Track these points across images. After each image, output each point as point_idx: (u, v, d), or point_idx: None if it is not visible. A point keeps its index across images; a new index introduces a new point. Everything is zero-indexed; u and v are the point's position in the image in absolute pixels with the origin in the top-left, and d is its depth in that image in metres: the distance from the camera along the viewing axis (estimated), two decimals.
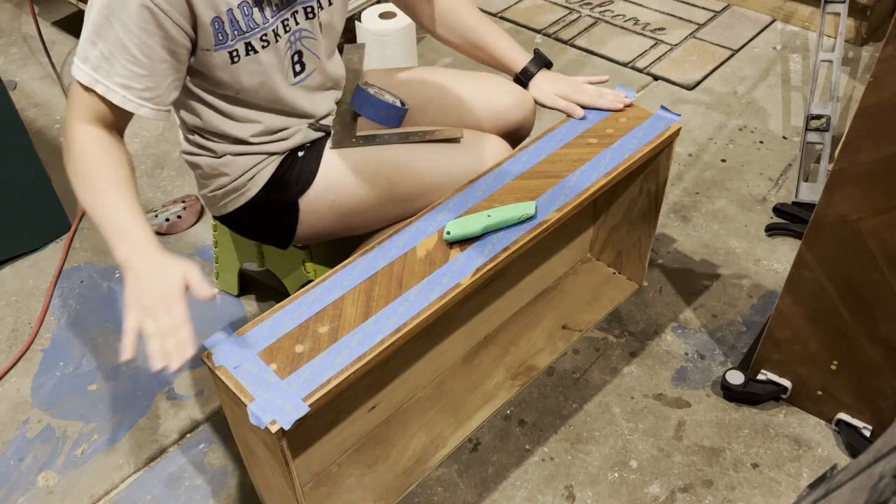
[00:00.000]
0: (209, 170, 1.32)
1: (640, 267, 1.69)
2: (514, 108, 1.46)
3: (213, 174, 1.33)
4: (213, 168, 1.32)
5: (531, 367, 1.56)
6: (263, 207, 1.35)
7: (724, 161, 2.06)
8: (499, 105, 1.46)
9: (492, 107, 1.46)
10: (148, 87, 1.11)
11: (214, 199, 1.36)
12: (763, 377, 1.48)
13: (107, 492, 1.43)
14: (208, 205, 1.40)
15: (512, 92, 1.47)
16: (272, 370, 1.05)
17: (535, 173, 1.33)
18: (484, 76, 1.50)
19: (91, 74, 1.08)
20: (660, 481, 1.39)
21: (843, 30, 2.12)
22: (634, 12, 2.68)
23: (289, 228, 1.37)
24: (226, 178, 1.32)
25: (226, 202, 1.36)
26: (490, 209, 1.24)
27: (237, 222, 1.40)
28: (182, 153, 1.36)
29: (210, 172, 1.33)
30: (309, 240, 1.42)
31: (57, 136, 2.26)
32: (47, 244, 1.92)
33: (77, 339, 1.69)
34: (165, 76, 1.12)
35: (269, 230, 1.40)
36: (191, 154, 1.34)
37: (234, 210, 1.36)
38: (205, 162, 1.32)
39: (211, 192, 1.35)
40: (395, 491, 1.38)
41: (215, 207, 1.39)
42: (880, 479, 0.54)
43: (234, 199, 1.34)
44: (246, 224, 1.40)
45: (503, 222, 1.22)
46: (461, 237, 1.20)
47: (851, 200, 1.18)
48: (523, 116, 1.48)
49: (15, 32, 2.73)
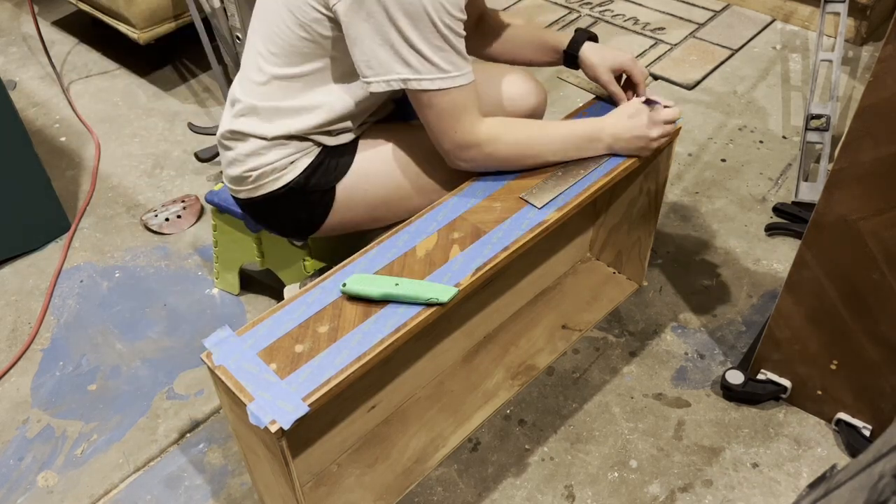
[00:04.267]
0: (251, 150, 1.31)
1: (639, 267, 1.69)
2: (527, 95, 1.49)
3: (253, 154, 1.31)
4: (255, 149, 1.31)
5: (531, 366, 1.56)
6: (299, 193, 1.34)
7: (724, 161, 2.06)
8: (513, 93, 1.48)
9: (505, 95, 1.47)
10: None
11: (246, 180, 1.34)
12: (763, 377, 1.48)
13: (106, 491, 1.42)
14: (235, 184, 1.37)
15: (525, 80, 1.49)
16: (272, 370, 1.05)
17: (536, 173, 1.33)
18: (496, 66, 1.52)
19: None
20: (659, 481, 1.39)
21: (843, 29, 2.12)
22: (634, 12, 2.68)
23: (318, 217, 1.37)
24: (265, 160, 1.31)
25: (260, 184, 1.34)
26: (401, 278, 1.14)
27: (263, 208, 1.39)
28: (226, 131, 1.34)
29: (251, 153, 1.31)
30: (333, 231, 1.41)
31: (57, 135, 2.26)
32: (47, 244, 1.92)
33: (77, 339, 1.69)
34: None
35: (297, 218, 1.39)
36: (237, 134, 1.32)
37: (266, 194, 1.35)
38: (251, 141, 1.31)
39: (246, 171, 1.33)
40: (395, 491, 1.38)
41: (244, 189, 1.36)
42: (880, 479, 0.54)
43: (271, 181, 1.33)
44: (273, 210, 1.39)
45: (407, 297, 1.11)
46: (356, 294, 1.13)
47: (851, 200, 1.18)
48: (536, 103, 1.50)
49: (15, 32, 2.73)
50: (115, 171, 2.13)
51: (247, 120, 1.30)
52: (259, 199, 1.36)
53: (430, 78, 1.15)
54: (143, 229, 1.95)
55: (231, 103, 1.34)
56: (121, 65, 2.55)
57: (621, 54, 1.43)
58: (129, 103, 2.38)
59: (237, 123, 1.32)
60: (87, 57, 2.60)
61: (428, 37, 1.12)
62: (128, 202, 2.03)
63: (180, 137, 2.23)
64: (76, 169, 2.14)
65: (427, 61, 1.14)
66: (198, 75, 2.49)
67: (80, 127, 2.29)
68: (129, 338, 1.69)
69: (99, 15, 2.35)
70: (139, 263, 1.86)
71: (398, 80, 1.15)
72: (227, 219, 1.57)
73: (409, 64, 1.14)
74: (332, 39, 1.20)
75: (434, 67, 1.15)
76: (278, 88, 1.27)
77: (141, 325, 1.72)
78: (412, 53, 1.13)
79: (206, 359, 1.07)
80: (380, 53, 1.14)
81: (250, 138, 1.31)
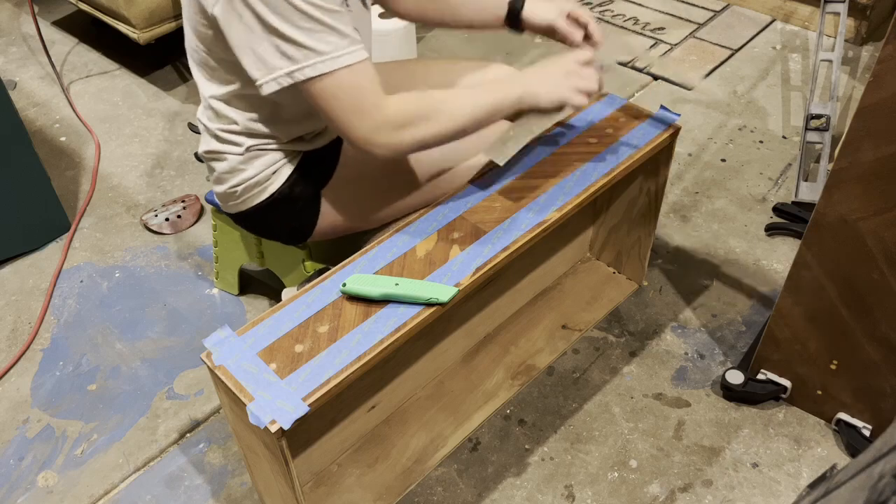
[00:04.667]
0: (231, 166, 1.31)
1: (639, 266, 1.69)
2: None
3: (234, 170, 1.31)
4: (235, 164, 1.30)
5: (531, 366, 1.56)
6: (285, 202, 1.34)
7: (724, 161, 2.06)
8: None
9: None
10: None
11: (233, 195, 1.34)
12: (763, 377, 1.48)
13: (106, 491, 1.43)
14: (224, 202, 1.38)
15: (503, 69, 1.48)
16: (272, 370, 1.05)
17: (535, 173, 1.33)
18: (482, 63, 1.51)
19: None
20: (659, 481, 1.39)
21: (843, 29, 2.12)
22: (634, 12, 2.68)
23: (308, 224, 1.37)
24: (247, 174, 1.30)
25: (246, 198, 1.34)
26: (401, 278, 1.15)
27: (255, 219, 1.39)
28: (204, 153, 1.34)
29: (232, 168, 1.31)
30: (325, 235, 1.41)
31: (57, 135, 2.26)
32: (47, 244, 1.92)
33: (77, 338, 1.69)
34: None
35: (288, 225, 1.39)
36: (214, 153, 1.32)
37: (254, 206, 1.35)
38: (229, 158, 1.30)
39: (230, 188, 1.33)
40: (395, 491, 1.38)
41: (233, 205, 1.37)
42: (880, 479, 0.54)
43: (256, 194, 1.33)
44: (264, 221, 1.38)
45: (407, 297, 1.12)
46: (356, 294, 1.14)
47: (851, 200, 1.18)
48: None
49: (15, 32, 2.73)
50: (115, 171, 2.13)
51: (214, 141, 1.31)
52: (248, 212, 1.36)
53: (311, 63, 1.05)
54: (143, 229, 1.95)
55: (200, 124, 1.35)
56: (121, 65, 2.55)
57: (566, 3, 1.32)
58: (129, 103, 2.38)
59: (210, 143, 1.32)
60: (87, 57, 2.60)
61: (293, 20, 1.03)
62: (128, 202, 2.03)
63: (180, 137, 2.23)
64: (76, 169, 2.14)
65: (302, 47, 1.04)
66: None
67: (80, 127, 2.29)
68: (129, 338, 1.69)
69: (99, 15, 2.35)
70: (139, 263, 1.86)
71: (283, 74, 1.06)
72: (226, 219, 1.57)
73: (287, 55, 1.05)
74: (230, 51, 1.14)
75: (311, 52, 1.04)
76: (225, 110, 1.26)
77: (141, 325, 1.72)
78: (285, 42, 1.04)
79: (206, 359, 1.07)
80: (259, 51, 1.06)
81: (226, 155, 1.30)
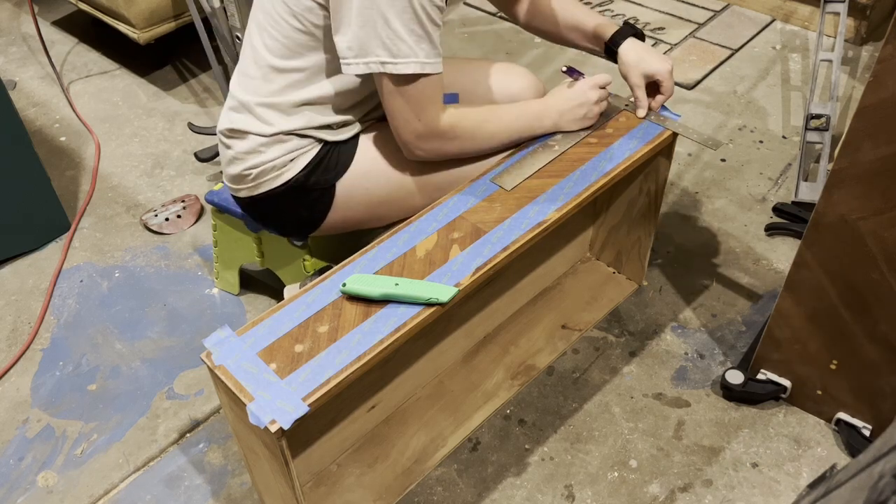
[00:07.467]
0: (251, 146, 1.31)
1: (639, 266, 1.69)
2: (526, 90, 1.49)
3: (252, 152, 1.31)
4: (256, 146, 1.30)
5: (531, 366, 1.56)
6: (299, 190, 1.34)
7: (724, 161, 2.06)
8: (512, 88, 1.48)
9: (505, 90, 1.48)
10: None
11: (246, 178, 1.34)
12: (763, 377, 1.48)
13: (106, 491, 1.43)
14: (236, 184, 1.37)
15: (523, 75, 1.50)
16: (272, 370, 1.05)
17: (536, 173, 1.33)
18: (496, 62, 1.52)
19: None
20: (659, 481, 1.39)
21: (843, 29, 2.12)
22: (634, 12, 2.68)
23: (318, 215, 1.37)
24: (265, 157, 1.31)
25: (259, 182, 1.34)
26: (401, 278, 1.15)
27: (264, 206, 1.38)
28: (224, 129, 1.34)
29: (252, 149, 1.31)
30: (334, 228, 1.41)
31: (57, 135, 2.26)
32: (47, 244, 1.92)
33: (77, 338, 1.69)
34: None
35: (298, 216, 1.39)
36: (237, 131, 1.32)
37: (266, 192, 1.35)
38: (251, 138, 1.30)
39: (245, 170, 1.33)
40: (395, 490, 1.38)
41: (244, 189, 1.36)
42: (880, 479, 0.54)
43: (271, 179, 1.33)
44: (274, 208, 1.38)
45: (407, 297, 1.12)
46: (356, 294, 1.13)
47: (851, 200, 1.18)
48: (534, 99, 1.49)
49: (15, 32, 2.73)
50: (115, 170, 2.13)
51: (244, 117, 1.30)
52: (259, 197, 1.36)
53: (406, 62, 1.16)
54: (143, 229, 1.95)
55: (229, 100, 1.34)
56: (121, 65, 2.55)
57: (659, 63, 1.39)
58: (129, 103, 2.38)
59: (235, 121, 1.31)
60: (87, 57, 2.60)
61: (408, 22, 1.14)
62: (128, 202, 2.03)
63: (180, 137, 2.23)
64: (76, 169, 2.14)
65: (406, 46, 1.15)
66: (198, 75, 2.49)
67: (80, 127, 2.29)
68: (128, 338, 1.69)
69: (99, 15, 2.36)
70: (139, 263, 1.86)
71: (377, 62, 1.17)
72: (226, 218, 1.57)
73: (388, 47, 1.15)
74: (323, 29, 1.21)
75: (412, 53, 1.16)
76: (275, 83, 1.27)
77: (141, 325, 1.72)
78: (392, 37, 1.14)
79: (206, 359, 1.07)
80: (361, 35, 1.15)
81: (249, 135, 1.30)
